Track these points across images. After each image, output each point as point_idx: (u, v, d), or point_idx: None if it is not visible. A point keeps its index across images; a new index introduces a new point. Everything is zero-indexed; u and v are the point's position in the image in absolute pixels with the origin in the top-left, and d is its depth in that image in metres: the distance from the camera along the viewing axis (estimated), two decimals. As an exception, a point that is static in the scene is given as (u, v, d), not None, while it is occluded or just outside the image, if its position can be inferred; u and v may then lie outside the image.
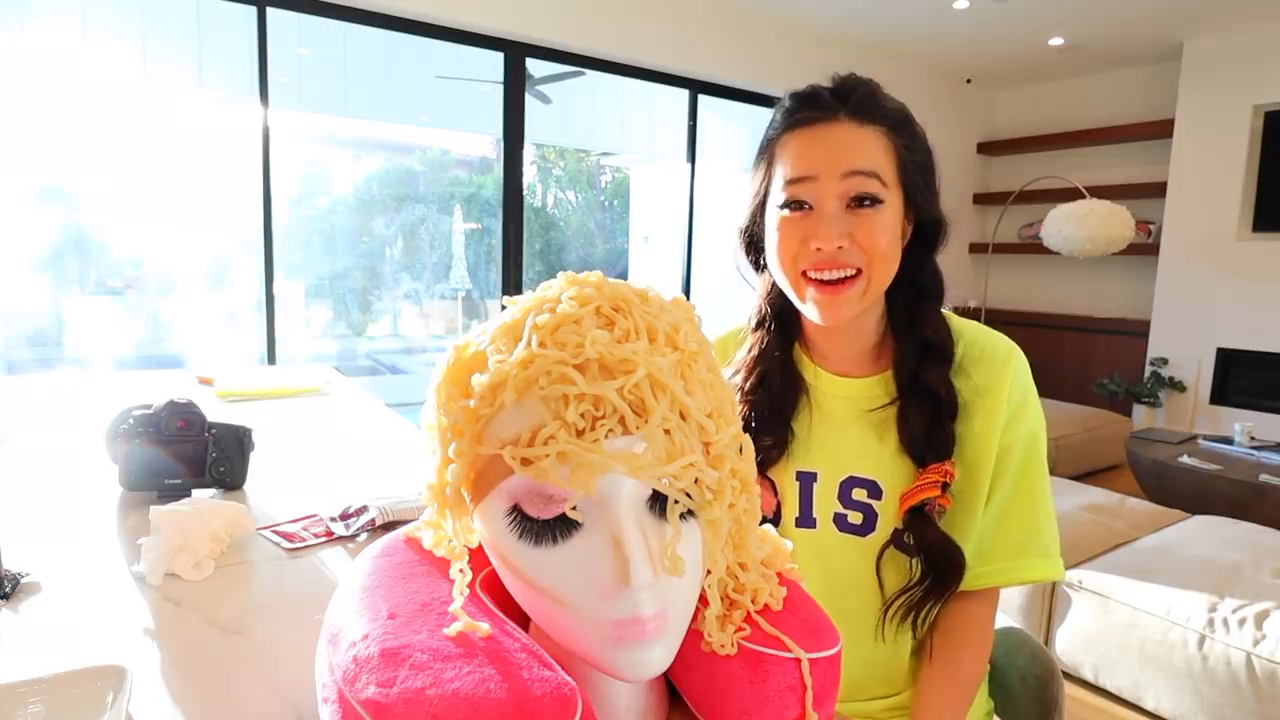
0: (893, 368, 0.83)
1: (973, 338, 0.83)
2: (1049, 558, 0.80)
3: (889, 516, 0.80)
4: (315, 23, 3.20)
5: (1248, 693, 1.71)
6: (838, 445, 0.83)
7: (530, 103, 3.76)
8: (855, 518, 0.81)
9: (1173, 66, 4.53)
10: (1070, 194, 4.17)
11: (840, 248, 0.75)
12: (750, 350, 0.88)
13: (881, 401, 0.82)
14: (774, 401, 0.83)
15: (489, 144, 4.60)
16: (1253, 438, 3.32)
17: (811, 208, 0.76)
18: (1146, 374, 4.62)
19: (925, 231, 0.82)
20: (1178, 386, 4.49)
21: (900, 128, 0.78)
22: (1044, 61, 4.85)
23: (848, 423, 0.83)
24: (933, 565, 0.77)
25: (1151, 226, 4.70)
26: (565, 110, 4.33)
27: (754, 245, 0.88)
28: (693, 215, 4.41)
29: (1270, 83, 4.10)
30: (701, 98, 4.30)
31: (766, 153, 0.81)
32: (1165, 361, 4.57)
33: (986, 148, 5.50)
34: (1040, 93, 5.35)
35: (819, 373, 0.86)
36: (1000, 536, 0.80)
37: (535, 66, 3.81)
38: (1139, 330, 4.74)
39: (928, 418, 0.78)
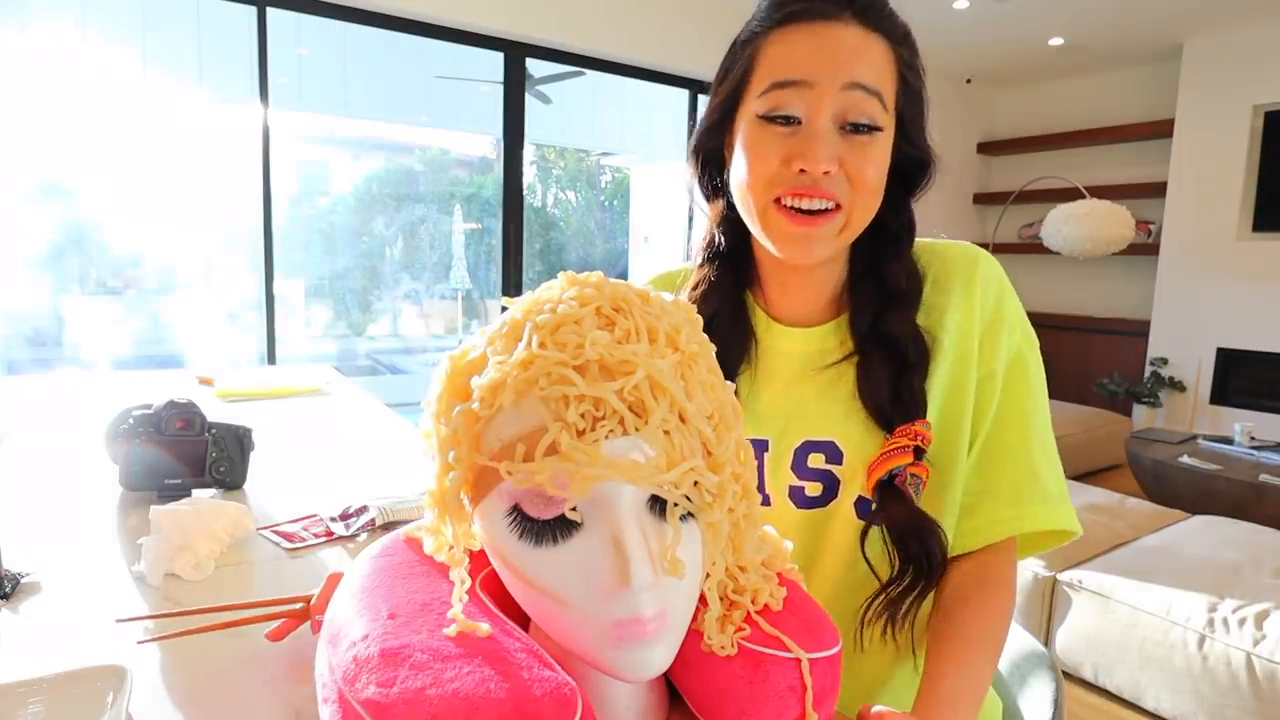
0: (850, 309, 0.72)
1: (942, 257, 0.73)
2: (1052, 504, 0.68)
3: (853, 485, 0.68)
4: (315, 23, 3.20)
5: (1248, 693, 1.71)
6: (788, 406, 0.71)
7: (530, 103, 3.76)
8: (814, 489, 0.70)
9: (1173, 66, 4.53)
10: (1070, 194, 4.17)
11: (827, 173, 0.63)
12: (696, 287, 0.75)
13: (835, 352, 0.72)
14: (719, 351, 0.73)
15: (489, 144, 4.60)
16: (1253, 438, 3.32)
17: (800, 123, 0.64)
18: (1146, 374, 4.62)
19: (905, 171, 0.71)
20: (1178, 386, 4.49)
21: (905, 43, 0.67)
22: (1044, 61, 4.85)
23: (797, 380, 0.72)
24: (904, 550, 0.65)
25: (1151, 226, 4.70)
26: (565, 110, 4.33)
27: (710, 164, 0.75)
28: (693, 215, 4.41)
29: (1270, 83, 4.10)
30: (701, 98, 4.30)
31: (745, 51, 0.68)
32: (1165, 361, 4.57)
33: (986, 148, 5.50)
34: (1040, 93, 5.35)
35: (770, 324, 0.75)
36: (989, 482, 0.68)
37: (535, 66, 3.81)
38: (1139, 330, 4.74)
39: (892, 372, 0.67)
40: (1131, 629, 1.90)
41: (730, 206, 0.74)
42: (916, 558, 0.65)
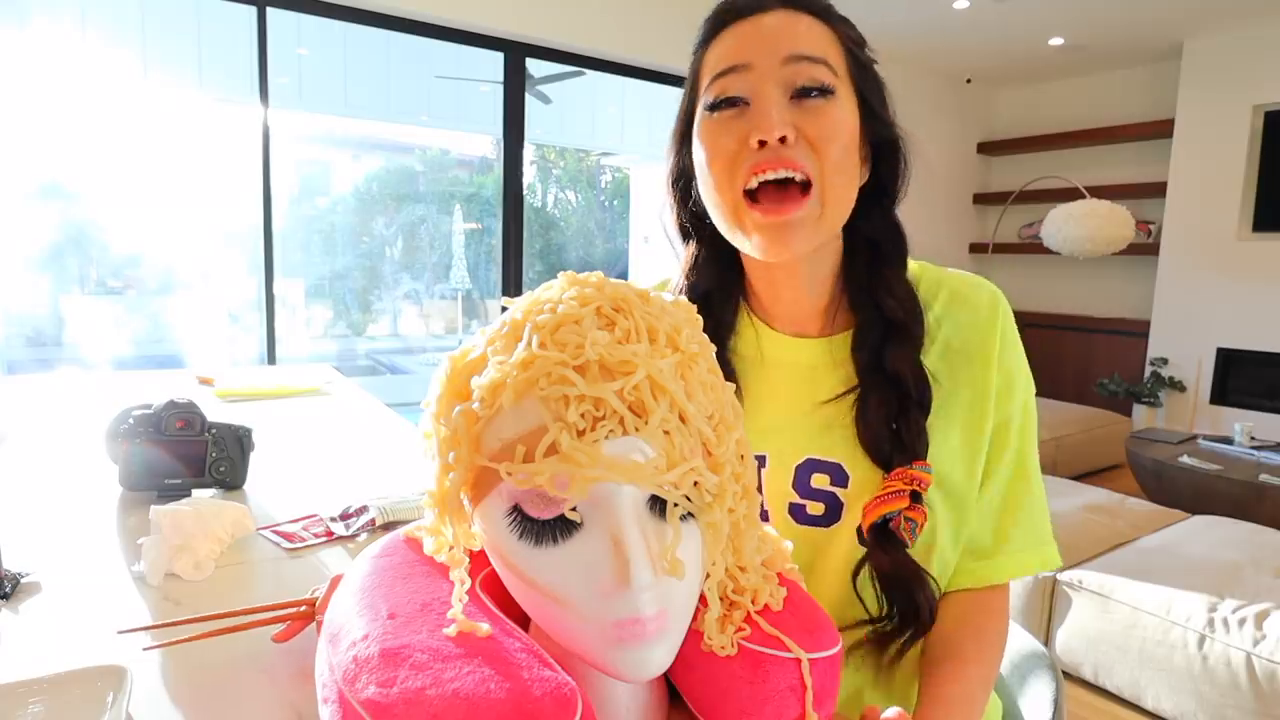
0: (852, 338, 0.71)
1: (954, 290, 0.71)
2: (1042, 546, 0.71)
3: (856, 509, 0.68)
4: (315, 23, 3.20)
5: (1248, 693, 1.71)
6: (790, 423, 0.70)
7: (530, 103, 3.76)
8: (815, 508, 0.69)
9: (1173, 66, 4.53)
10: (1070, 194, 4.18)
11: (784, 139, 0.61)
12: None
13: (836, 370, 0.71)
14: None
15: (489, 144, 4.60)
16: (1253, 438, 3.32)
17: (747, 103, 0.63)
18: (1146, 374, 4.62)
19: (881, 175, 0.70)
20: (1178, 386, 4.49)
21: (843, 22, 0.68)
22: (1044, 61, 4.84)
23: (800, 396, 0.71)
24: (891, 598, 0.65)
25: (1151, 226, 4.70)
26: (565, 110, 4.33)
27: (687, 195, 0.74)
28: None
29: (1270, 83, 4.10)
30: (702, 98, 4.29)
31: (693, 73, 0.69)
32: (1165, 361, 4.57)
33: (986, 148, 5.50)
34: (1040, 93, 5.35)
35: (766, 332, 0.74)
36: (1000, 530, 0.70)
37: (535, 66, 3.81)
38: (1139, 330, 4.74)
39: (892, 411, 0.66)
40: (1131, 629, 1.90)
41: (702, 244, 0.74)
42: (903, 607, 0.65)
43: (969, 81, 5.29)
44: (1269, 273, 4.18)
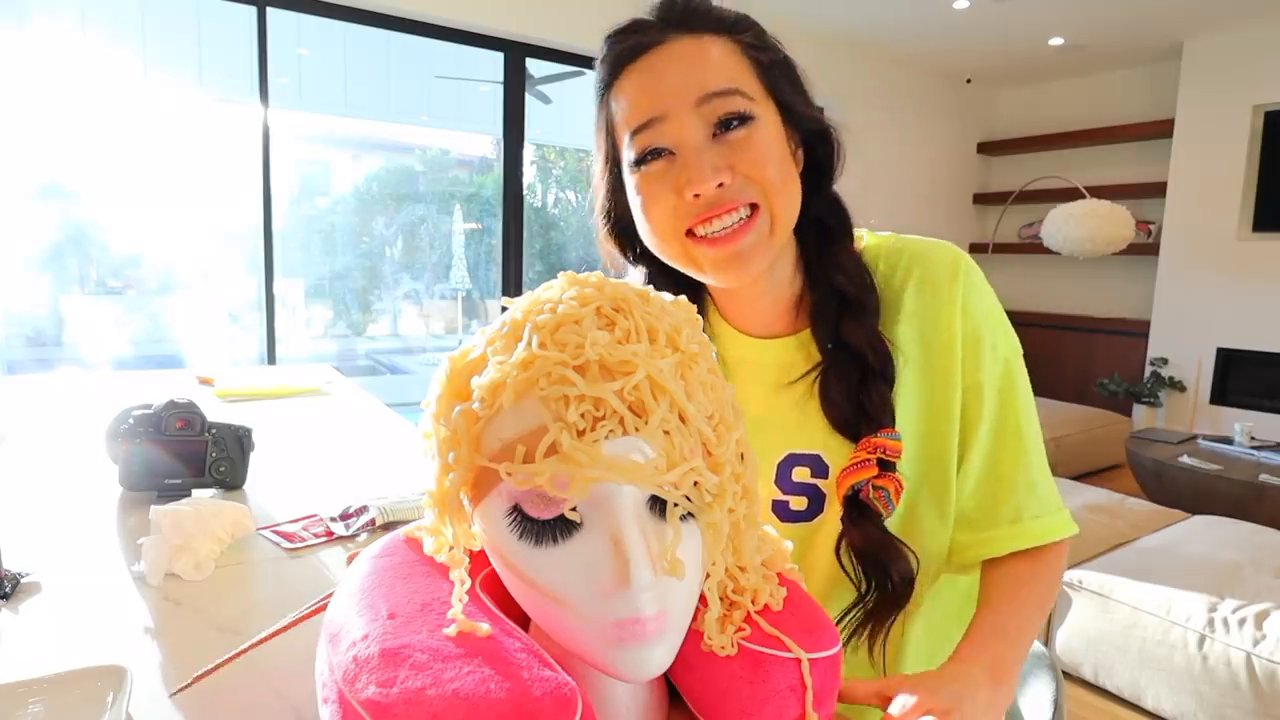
0: (809, 318, 0.71)
1: (914, 254, 0.71)
2: (1051, 514, 0.68)
3: (838, 499, 0.68)
4: (315, 23, 3.20)
5: (1248, 693, 1.71)
6: (767, 420, 0.70)
7: (530, 103, 3.76)
8: (798, 503, 0.70)
9: (1173, 66, 4.53)
10: (1070, 194, 4.18)
11: (721, 185, 0.62)
12: None
13: (809, 359, 0.70)
14: None
15: (489, 144, 4.60)
16: (1253, 438, 3.32)
17: (672, 152, 0.63)
18: (1146, 374, 4.62)
19: (817, 156, 0.70)
20: (1178, 386, 4.49)
21: (741, 28, 0.65)
22: (1044, 61, 4.85)
23: (774, 392, 0.71)
24: (867, 572, 0.64)
25: (1151, 226, 4.70)
26: (565, 110, 4.33)
27: (622, 229, 0.73)
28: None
29: (1270, 83, 4.10)
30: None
31: (602, 111, 0.68)
32: (1165, 361, 4.57)
33: (986, 148, 5.50)
34: (1040, 93, 5.35)
35: (736, 337, 0.74)
36: (988, 500, 0.68)
37: (535, 66, 3.81)
38: (1139, 330, 4.74)
39: (854, 383, 0.66)
40: (1131, 629, 1.90)
41: (653, 271, 0.74)
42: (878, 580, 0.64)
43: (969, 81, 5.29)
44: (1269, 273, 4.18)
